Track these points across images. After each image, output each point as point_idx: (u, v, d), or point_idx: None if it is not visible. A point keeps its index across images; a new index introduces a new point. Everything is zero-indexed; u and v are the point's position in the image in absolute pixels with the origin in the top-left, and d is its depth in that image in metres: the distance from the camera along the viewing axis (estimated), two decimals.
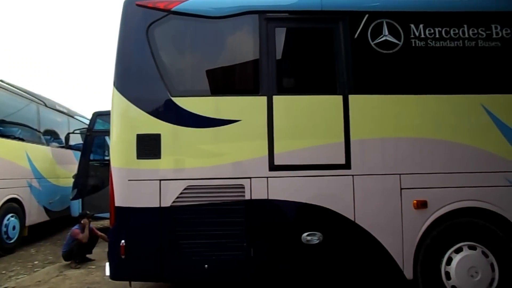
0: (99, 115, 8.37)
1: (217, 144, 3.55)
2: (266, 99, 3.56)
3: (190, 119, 3.52)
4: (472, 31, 3.72)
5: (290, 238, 3.48)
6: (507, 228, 3.56)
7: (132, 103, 3.52)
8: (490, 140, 3.62)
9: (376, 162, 3.58)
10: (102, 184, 8.04)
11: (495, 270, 3.50)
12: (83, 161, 8.30)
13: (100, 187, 8.14)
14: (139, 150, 3.47)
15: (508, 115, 3.63)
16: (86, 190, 8.19)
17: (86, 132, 8.46)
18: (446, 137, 3.60)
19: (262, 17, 3.66)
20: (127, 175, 3.47)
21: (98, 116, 8.40)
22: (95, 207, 7.48)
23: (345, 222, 3.49)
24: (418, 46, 3.68)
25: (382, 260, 3.50)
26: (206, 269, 3.42)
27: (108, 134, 3.78)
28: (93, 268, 5.62)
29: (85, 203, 8.01)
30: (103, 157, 8.71)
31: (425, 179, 3.56)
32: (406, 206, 3.53)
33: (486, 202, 3.55)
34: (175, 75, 3.67)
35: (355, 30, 3.68)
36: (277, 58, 3.65)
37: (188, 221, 3.44)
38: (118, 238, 3.42)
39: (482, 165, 3.58)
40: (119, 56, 3.63)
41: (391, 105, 3.63)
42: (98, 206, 7.45)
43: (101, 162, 8.56)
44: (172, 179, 3.48)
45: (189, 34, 3.78)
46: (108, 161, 3.97)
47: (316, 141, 3.56)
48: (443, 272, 3.52)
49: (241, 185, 3.48)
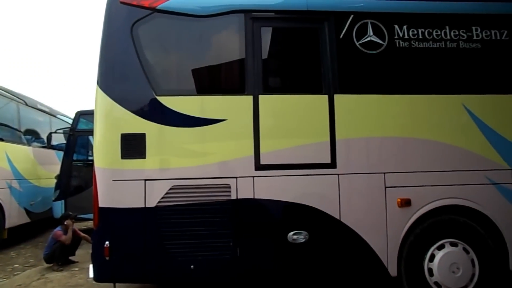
0: (82, 115, 8.25)
1: (203, 143, 3.53)
2: (252, 98, 3.56)
3: (176, 118, 3.49)
4: (453, 32, 3.80)
5: (276, 237, 3.49)
6: (486, 225, 3.65)
7: (116, 102, 3.47)
8: (471, 139, 3.70)
9: (361, 161, 3.63)
10: (86, 184, 7.91)
11: (475, 266, 3.59)
12: (66, 161, 8.16)
13: (84, 188, 8.02)
14: (124, 150, 3.43)
15: (488, 114, 3.72)
16: (69, 191, 8.06)
17: (69, 132, 8.33)
18: (429, 136, 3.67)
19: (247, 17, 3.65)
20: (111, 175, 3.42)
21: (81, 115, 8.27)
22: (78, 208, 7.35)
23: (330, 220, 3.52)
24: (402, 46, 3.74)
25: (367, 257, 3.55)
26: (192, 269, 3.40)
27: (92, 134, 3.72)
28: (76, 270, 5.52)
29: (68, 204, 7.88)
30: (87, 157, 8.59)
31: (408, 177, 3.62)
32: (390, 205, 3.59)
33: (467, 199, 3.63)
34: (160, 74, 3.64)
35: (341, 30, 3.71)
36: (263, 58, 3.65)
37: (173, 221, 3.41)
38: (102, 239, 3.37)
39: (463, 163, 3.66)
40: (102, 54, 3.57)
41: (375, 105, 3.68)
42: (81, 207, 7.33)
43: (85, 162, 8.45)
44: (157, 179, 3.44)
45: (174, 32, 3.75)
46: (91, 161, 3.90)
47: (302, 141, 3.58)
48: (426, 268, 3.59)
49: (227, 185, 3.47)
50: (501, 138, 3.70)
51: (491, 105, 3.76)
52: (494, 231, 3.64)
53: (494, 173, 3.68)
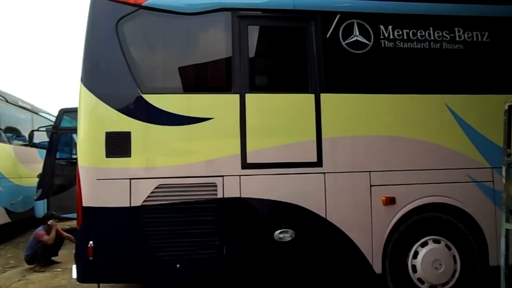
0: (66, 112, 8.09)
1: (189, 142, 3.51)
2: (239, 97, 3.55)
3: (161, 116, 3.45)
4: (437, 33, 3.87)
5: (263, 236, 3.50)
6: (468, 222, 3.73)
7: (101, 100, 3.41)
8: (453, 138, 3.78)
9: (347, 160, 3.66)
10: (69, 183, 7.77)
11: (457, 262, 3.67)
12: (48, 159, 7.99)
13: (67, 187, 7.88)
14: (108, 149, 3.38)
15: (470, 114, 3.81)
16: (52, 190, 7.90)
17: (52, 130, 8.15)
18: (413, 135, 3.73)
19: (234, 15, 3.64)
20: (96, 174, 3.36)
21: (64, 113, 8.11)
22: (61, 207, 7.22)
23: (316, 219, 3.55)
24: (387, 46, 3.79)
25: (353, 255, 3.59)
26: (178, 268, 3.37)
27: (76, 132, 3.66)
28: (59, 271, 5.42)
29: (51, 204, 7.72)
30: (70, 155, 8.44)
31: (393, 176, 3.67)
32: (375, 203, 3.63)
33: (449, 197, 3.71)
34: (145, 71, 3.59)
35: (327, 30, 3.73)
36: (249, 56, 3.65)
37: (159, 220, 3.38)
38: (86, 239, 3.31)
39: (446, 162, 3.74)
40: (86, 51, 3.51)
41: (361, 104, 3.72)
42: (64, 207, 7.20)
43: (68, 161, 8.31)
44: (143, 178, 3.41)
45: (160, 30, 3.71)
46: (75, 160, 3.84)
47: (288, 139, 3.59)
48: (410, 265, 3.65)
49: (214, 184, 3.46)
50: (482, 137, 3.79)
51: (473, 105, 3.84)
52: (475, 228, 3.73)
53: (475, 171, 3.76)
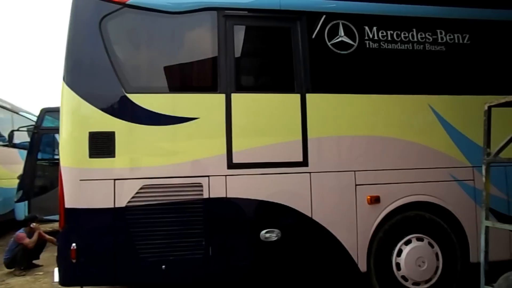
0: (47, 112, 7.95)
1: (175, 142, 3.48)
2: (225, 96, 3.54)
3: (146, 116, 3.41)
4: (420, 35, 3.94)
5: (249, 236, 3.50)
6: (450, 220, 3.81)
7: (84, 99, 3.35)
8: (436, 138, 3.86)
9: (332, 159, 3.69)
10: (51, 184, 7.62)
11: (439, 259, 3.75)
12: (29, 160, 7.83)
13: (49, 188, 7.73)
14: (92, 149, 3.32)
15: (452, 114, 3.89)
16: (33, 192, 7.74)
17: (33, 130, 7.99)
18: (397, 135, 3.79)
19: (220, 14, 3.62)
20: (79, 174, 3.30)
21: (46, 112, 7.97)
22: (43, 209, 7.07)
23: (302, 218, 3.56)
24: (371, 47, 3.83)
25: (338, 254, 3.62)
26: (163, 270, 3.34)
27: (58, 132, 3.58)
28: (40, 275, 5.30)
29: (32, 206, 7.56)
30: (53, 156, 8.29)
31: (378, 175, 3.72)
32: (360, 202, 3.67)
33: (432, 196, 3.78)
34: (130, 71, 3.54)
35: (313, 30, 3.75)
36: (235, 56, 3.64)
37: (144, 221, 3.34)
38: (69, 242, 3.25)
39: (429, 161, 3.81)
40: (69, 49, 3.44)
41: (347, 104, 3.75)
42: (46, 208, 7.05)
43: (50, 162, 8.15)
44: (127, 178, 3.36)
45: (145, 28, 3.67)
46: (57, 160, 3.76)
47: (274, 139, 3.60)
48: (394, 263, 3.70)
49: (199, 184, 3.44)
50: (463, 137, 3.88)
51: (455, 105, 3.92)
52: (456, 226, 3.81)
53: (457, 170, 3.85)
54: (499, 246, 3.65)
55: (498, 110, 3.31)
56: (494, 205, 3.68)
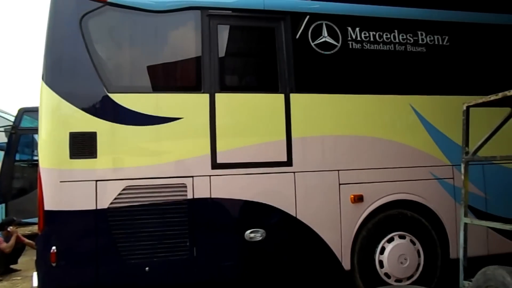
0: (26, 112, 7.80)
1: (158, 142, 3.44)
2: (209, 96, 3.52)
3: (129, 116, 3.36)
4: (401, 36, 4.01)
5: (234, 236, 3.49)
6: (430, 217, 3.89)
7: (64, 99, 3.28)
8: (417, 137, 3.93)
9: (316, 159, 3.72)
10: (30, 186, 7.45)
11: (421, 256, 3.82)
12: (7, 161, 7.65)
13: (28, 190, 7.55)
14: (73, 149, 3.25)
15: (432, 114, 3.97)
16: (11, 194, 7.55)
17: (11, 130, 7.78)
18: (380, 135, 3.85)
19: (204, 13, 3.60)
20: (59, 176, 3.22)
21: (25, 112, 7.82)
22: (21, 212, 6.91)
23: (287, 218, 3.58)
24: (354, 48, 3.88)
25: (322, 253, 3.65)
26: (147, 272, 3.30)
27: (37, 132, 3.50)
28: (18, 280, 5.16)
29: (10, 208, 7.39)
30: (32, 157, 8.10)
31: (361, 174, 3.77)
32: (344, 201, 3.71)
33: (414, 194, 3.86)
34: (112, 70, 3.50)
35: (297, 31, 3.77)
36: (219, 56, 3.62)
37: (127, 223, 3.29)
38: (48, 245, 3.17)
39: (411, 160, 3.88)
40: (48, 47, 3.36)
41: (330, 104, 3.79)
42: (24, 211, 6.89)
43: (29, 163, 7.97)
44: (110, 179, 3.30)
45: (127, 27, 3.61)
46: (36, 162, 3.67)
47: (258, 139, 3.60)
48: (377, 261, 3.76)
49: (183, 184, 3.41)
50: (443, 136, 3.97)
51: (435, 105, 4.01)
52: (437, 223, 3.90)
53: (437, 169, 3.94)
54: (477, 242, 3.75)
55: (476, 110, 3.40)
56: (473, 203, 3.79)
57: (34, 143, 7.90)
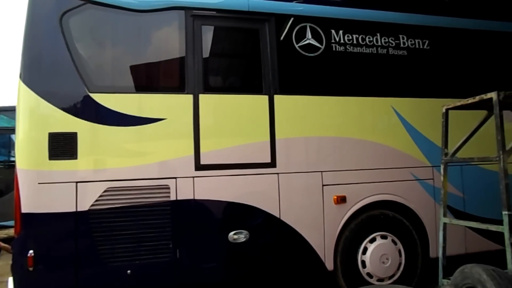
0: (2, 111, 7.54)
1: (141, 143, 3.39)
2: (192, 97, 3.49)
3: (111, 117, 3.30)
4: (383, 39, 4.08)
5: (217, 237, 3.47)
6: (411, 217, 3.97)
7: (43, 98, 3.19)
8: (398, 139, 4.01)
9: (300, 160, 3.74)
10: (6, 188, 7.20)
11: (402, 256, 3.89)
12: None
13: (3, 192, 7.30)
14: (52, 150, 3.16)
15: (413, 116, 4.06)
16: None
17: None
18: (362, 136, 3.90)
19: (188, 14, 3.57)
20: (37, 177, 3.13)
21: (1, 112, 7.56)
22: None
23: (270, 219, 3.58)
24: (338, 50, 3.92)
25: (306, 254, 3.67)
26: (129, 275, 3.24)
27: (14, 132, 3.39)
28: None
29: None
30: (8, 158, 7.85)
31: (344, 175, 3.81)
32: (327, 202, 3.75)
33: (395, 195, 3.92)
34: (94, 69, 3.42)
35: (281, 32, 3.79)
36: (203, 56, 3.60)
37: (108, 225, 3.22)
38: (25, 248, 3.07)
39: (392, 161, 3.95)
40: (26, 45, 3.26)
41: (313, 106, 3.82)
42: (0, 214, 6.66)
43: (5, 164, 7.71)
44: (90, 181, 3.23)
45: (110, 26, 3.54)
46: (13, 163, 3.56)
47: (242, 140, 3.59)
48: (360, 261, 3.80)
49: (166, 186, 3.37)
50: (423, 137, 4.06)
51: (416, 107, 4.10)
52: (417, 223, 3.98)
53: (417, 170, 4.02)
54: (456, 241, 3.86)
55: (455, 113, 3.49)
56: (452, 203, 3.90)
57: (11, 143, 7.66)
